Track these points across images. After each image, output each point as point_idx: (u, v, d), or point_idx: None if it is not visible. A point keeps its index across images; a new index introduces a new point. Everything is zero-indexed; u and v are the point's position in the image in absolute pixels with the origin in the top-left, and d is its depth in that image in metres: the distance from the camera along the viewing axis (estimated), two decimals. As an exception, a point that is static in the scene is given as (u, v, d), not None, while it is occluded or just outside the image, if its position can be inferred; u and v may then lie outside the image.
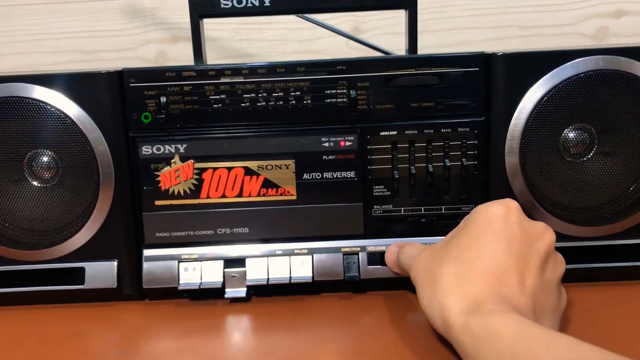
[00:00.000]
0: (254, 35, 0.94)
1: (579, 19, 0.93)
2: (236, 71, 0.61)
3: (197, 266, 0.62)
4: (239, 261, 0.63)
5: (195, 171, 0.62)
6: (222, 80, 0.60)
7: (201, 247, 0.63)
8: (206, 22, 0.67)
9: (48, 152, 0.60)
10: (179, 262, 0.63)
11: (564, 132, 0.60)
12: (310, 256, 0.63)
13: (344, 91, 0.61)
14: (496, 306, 0.44)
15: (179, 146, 0.61)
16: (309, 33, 0.92)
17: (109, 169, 0.60)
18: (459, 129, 0.62)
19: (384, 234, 0.63)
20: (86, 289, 0.62)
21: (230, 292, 0.62)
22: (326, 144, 0.62)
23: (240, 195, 0.62)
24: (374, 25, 0.93)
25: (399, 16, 0.68)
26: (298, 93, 0.61)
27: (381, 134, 0.62)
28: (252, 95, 0.61)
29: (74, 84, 0.59)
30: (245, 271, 0.62)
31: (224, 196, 0.62)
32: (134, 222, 0.63)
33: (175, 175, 0.62)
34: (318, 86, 0.61)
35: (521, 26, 0.93)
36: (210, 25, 0.88)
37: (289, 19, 0.90)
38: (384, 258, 0.62)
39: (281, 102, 0.61)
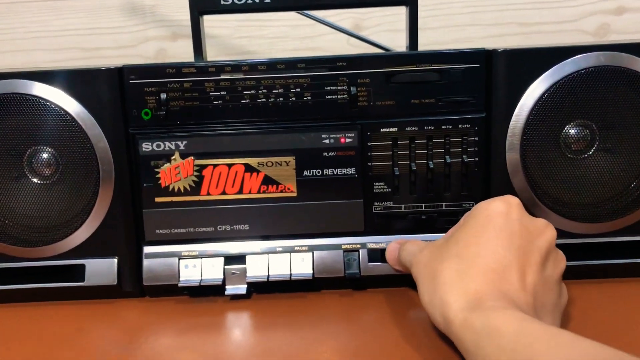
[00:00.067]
0: (254, 33, 0.94)
1: (580, 15, 0.93)
2: (236, 68, 0.60)
3: (198, 263, 0.62)
4: (239, 258, 0.63)
5: (196, 168, 0.62)
6: (222, 77, 0.60)
7: (201, 244, 0.63)
8: (206, 20, 0.67)
9: (48, 149, 0.60)
10: (179, 259, 0.63)
11: (565, 128, 0.60)
12: (311, 253, 0.63)
13: (344, 88, 0.61)
14: (497, 302, 0.44)
15: (179, 143, 0.61)
16: (309, 30, 0.92)
17: (109, 165, 0.60)
18: (459, 125, 0.61)
19: (384, 230, 0.63)
20: (86, 286, 0.62)
21: (230, 289, 0.62)
22: (326, 141, 0.62)
23: (240, 192, 0.62)
24: (375, 23, 0.93)
25: (400, 13, 0.68)
26: (298, 90, 0.61)
27: (382, 130, 0.61)
28: (252, 91, 0.61)
29: (74, 81, 0.59)
30: (245, 268, 0.62)
31: (224, 193, 0.62)
32: (134, 219, 0.63)
33: (176, 172, 0.62)
34: (318, 83, 0.61)
35: (522, 23, 0.93)
36: (210, 22, 0.88)
37: (289, 16, 0.90)
38: (385, 255, 0.62)
39: (281, 99, 0.61)
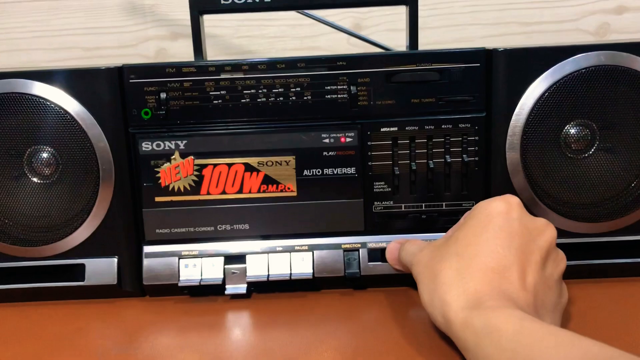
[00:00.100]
0: (254, 32, 0.94)
1: (580, 15, 0.93)
2: (236, 67, 0.60)
3: (198, 263, 0.62)
4: (240, 257, 0.63)
5: (196, 167, 0.62)
6: (222, 76, 0.60)
7: (201, 244, 0.63)
8: (207, 19, 0.67)
9: (48, 149, 0.60)
10: (179, 258, 0.63)
11: (565, 128, 0.60)
12: (311, 252, 0.62)
13: (344, 87, 0.61)
14: (497, 302, 0.44)
15: (179, 142, 0.61)
16: (309, 30, 0.92)
17: (109, 165, 0.60)
18: (459, 125, 0.61)
19: (384, 230, 0.63)
20: (86, 286, 0.62)
21: (230, 289, 0.62)
22: (326, 140, 0.62)
23: (240, 191, 0.62)
24: (375, 22, 0.93)
25: (400, 12, 0.68)
26: (298, 89, 0.61)
27: (382, 130, 0.61)
28: (252, 91, 0.61)
29: (73, 80, 0.59)
30: (245, 267, 0.62)
31: (224, 192, 0.62)
32: (134, 218, 0.63)
33: (176, 171, 0.62)
34: (318, 82, 0.61)
35: (522, 22, 0.93)
36: (210, 22, 0.88)
37: (289, 15, 0.90)
38: (385, 255, 0.62)
39: (281, 98, 0.61)
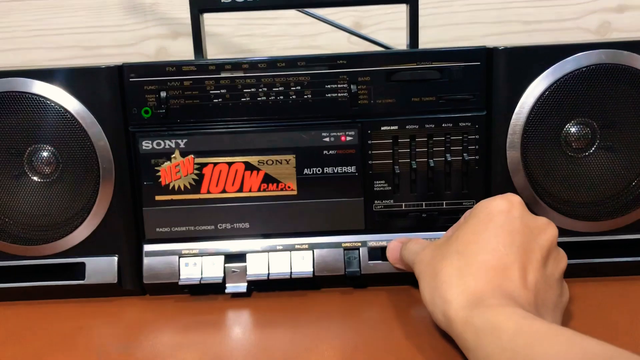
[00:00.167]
0: (255, 31, 0.94)
1: (581, 13, 0.92)
2: (236, 66, 0.60)
3: (198, 261, 0.62)
4: (240, 256, 0.63)
5: (196, 166, 0.62)
6: (222, 75, 0.60)
7: (202, 243, 0.63)
8: (208, 18, 0.67)
9: (48, 147, 0.60)
10: (179, 257, 0.63)
11: (566, 126, 0.60)
12: (311, 251, 0.62)
13: (344, 86, 0.61)
14: (497, 300, 0.44)
15: (179, 141, 0.61)
16: (310, 28, 0.92)
17: (109, 164, 0.60)
18: (460, 123, 0.61)
19: (384, 229, 0.63)
20: (86, 285, 0.62)
21: (230, 288, 0.62)
22: (327, 139, 0.61)
23: (240, 190, 0.62)
24: (375, 21, 0.92)
25: (400, 11, 0.68)
26: (298, 88, 0.61)
27: (382, 128, 0.61)
28: (252, 90, 0.61)
29: (73, 79, 0.59)
30: (245, 266, 0.62)
31: (224, 191, 0.62)
32: (135, 217, 0.63)
33: (176, 170, 0.62)
34: (319, 81, 0.60)
35: (523, 21, 0.93)
36: (211, 20, 0.88)
37: (290, 14, 0.90)
38: (386, 253, 0.62)
39: (281, 97, 0.61)
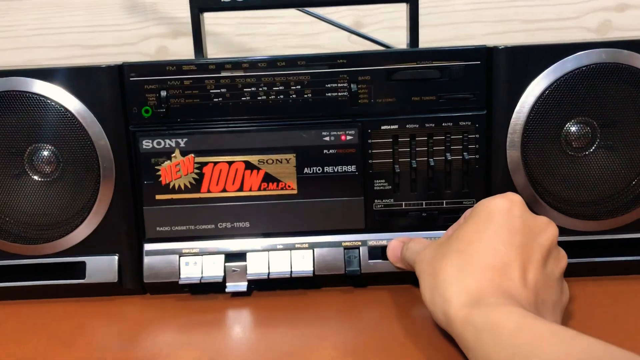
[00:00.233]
0: (255, 30, 0.94)
1: (582, 12, 0.92)
2: (236, 65, 0.60)
3: (198, 260, 0.62)
4: (240, 255, 0.63)
5: (196, 165, 0.62)
6: (223, 74, 0.60)
7: (202, 242, 0.63)
8: (208, 17, 0.67)
9: (48, 147, 0.60)
10: (179, 256, 0.63)
11: (566, 125, 0.60)
12: (311, 250, 0.62)
13: (344, 85, 0.61)
14: (497, 299, 0.44)
15: (179, 140, 0.61)
16: (310, 27, 0.92)
17: (110, 163, 0.60)
18: (460, 122, 0.61)
19: (385, 228, 0.63)
20: (87, 284, 0.62)
21: (231, 287, 0.62)
22: (327, 138, 0.61)
23: (240, 189, 0.62)
24: (375, 20, 0.92)
25: (401, 10, 0.68)
26: (299, 87, 0.61)
27: (382, 127, 0.61)
28: (252, 89, 0.61)
29: (74, 78, 0.59)
30: (246, 265, 0.62)
31: (224, 190, 0.62)
32: (135, 216, 0.63)
33: (176, 169, 0.62)
34: (319, 80, 0.60)
35: (524, 20, 0.92)
36: (212, 19, 0.88)
37: (290, 13, 0.90)
38: (386, 253, 0.62)
39: (282, 96, 0.61)
